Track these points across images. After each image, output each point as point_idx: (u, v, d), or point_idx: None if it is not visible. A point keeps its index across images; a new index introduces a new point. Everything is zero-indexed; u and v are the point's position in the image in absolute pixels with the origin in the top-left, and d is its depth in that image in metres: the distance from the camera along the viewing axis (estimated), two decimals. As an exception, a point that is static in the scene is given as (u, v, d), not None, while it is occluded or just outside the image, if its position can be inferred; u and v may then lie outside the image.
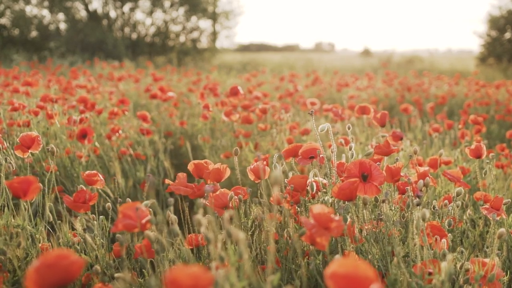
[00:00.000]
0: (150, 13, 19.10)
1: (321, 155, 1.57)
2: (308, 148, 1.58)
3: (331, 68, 14.73)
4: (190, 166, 1.54)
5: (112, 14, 18.70)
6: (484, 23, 16.92)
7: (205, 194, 1.42)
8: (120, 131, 3.00)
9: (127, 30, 18.87)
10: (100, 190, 2.47)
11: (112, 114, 3.14)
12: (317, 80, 7.46)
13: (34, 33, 17.56)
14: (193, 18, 19.72)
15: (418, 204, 1.26)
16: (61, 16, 17.96)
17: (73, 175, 2.60)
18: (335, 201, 1.41)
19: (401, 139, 2.12)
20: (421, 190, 1.32)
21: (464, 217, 1.77)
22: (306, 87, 7.13)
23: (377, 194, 1.31)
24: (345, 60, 23.02)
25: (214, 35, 20.39)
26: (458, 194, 1.48)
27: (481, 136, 4.48)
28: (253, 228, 1.41)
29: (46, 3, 17.61)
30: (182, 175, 1.42)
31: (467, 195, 1.86)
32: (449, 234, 1.56)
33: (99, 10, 18.40)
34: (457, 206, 1.60)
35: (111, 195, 2.40)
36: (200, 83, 6.57)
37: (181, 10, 19.48)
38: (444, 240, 1.26)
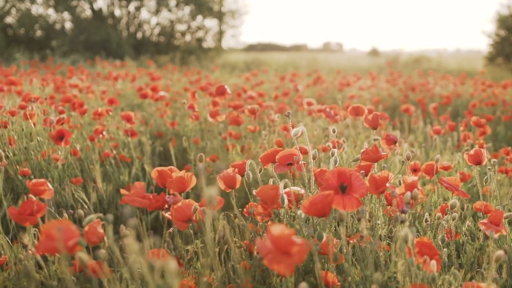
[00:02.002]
0: (156, 12, 19.02)
1: (300, 162, 1.41)
2: (285, 154, 1.41)
3: (336, 67, 14.51)
4: (154, 174, 1.39)
5: (117, 13, 18.66)
6: (492, 23, 16.64)
7: (166, 206, 1.27)
8: (105, 132, 2.86)
9: (132, 29, 18.80)
10: (76, 196, 2.33)
11: (96, 114, 2.99)
12: (319, 80, 7.27)
13: (39, 32, 17.53)
14: (199, 17, 19.63)
15: (402, 221, 1.09)
16: (66, 15, 17.93)
17: (48, 179, 2.46)
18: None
19: (395, 142, 1.95)
20: (408, 203, 1.15)
21: (464, 229, 1.60)
22: (307, 87, 6.95)
23: (358, 208, 1.14)
24: (352, 59, 22.74)
25: (220, 34, 20.29)
26: (452, 207, 1.32)
27: (487, 138, 4.29)
28: (219, 245, 1.25)
29: (51, 2, 17.57)
30: (139, 184, 1.27)
31: (466, 205, 1.68)
32: (445, 249, 1.40)
33: (104, 9, 18.35)
34: (453, 219, 1.43)
35: (87, 201, 2.25)
36: (200, 83, 6.41)
37: (187, 9, 19.40)
38: (433, 261, 1.10)
